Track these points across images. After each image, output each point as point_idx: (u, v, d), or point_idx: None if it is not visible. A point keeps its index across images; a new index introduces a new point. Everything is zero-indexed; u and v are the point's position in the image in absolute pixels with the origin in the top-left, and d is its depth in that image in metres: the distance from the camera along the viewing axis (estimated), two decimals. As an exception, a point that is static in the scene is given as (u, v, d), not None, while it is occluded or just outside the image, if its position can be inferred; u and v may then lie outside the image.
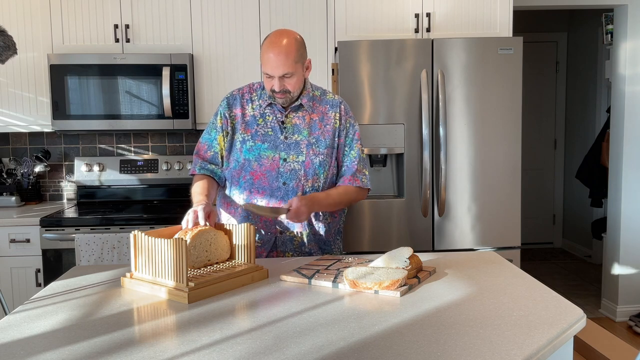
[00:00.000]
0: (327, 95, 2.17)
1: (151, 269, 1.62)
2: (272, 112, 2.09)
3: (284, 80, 1.97)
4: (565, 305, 1.46)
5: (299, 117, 2.09)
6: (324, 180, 2.10)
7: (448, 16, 3.09)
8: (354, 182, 2.12)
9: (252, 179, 2.07)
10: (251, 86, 2.17)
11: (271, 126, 2.08)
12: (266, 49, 1.96)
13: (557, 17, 5.89)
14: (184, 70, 3.20)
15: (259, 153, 2.06)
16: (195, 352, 1.19)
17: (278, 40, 1.95)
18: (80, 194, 3.54)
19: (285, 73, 1.96)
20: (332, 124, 2.11)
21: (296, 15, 3.29)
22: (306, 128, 2.09)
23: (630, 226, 3.90)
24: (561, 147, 6.07)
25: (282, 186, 2.06)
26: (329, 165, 2.11)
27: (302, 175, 2.06)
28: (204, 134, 2.17)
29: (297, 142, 2.07)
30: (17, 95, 3.29)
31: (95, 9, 3.24)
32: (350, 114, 2.16)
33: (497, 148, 2.93)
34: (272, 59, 1.94)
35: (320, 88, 2.18)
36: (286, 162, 2.06)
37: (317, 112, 2.11)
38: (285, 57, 1.94)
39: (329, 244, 2.18)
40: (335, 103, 2.14)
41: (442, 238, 2.95)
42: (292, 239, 2.10)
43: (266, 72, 1.98)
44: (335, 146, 2.12)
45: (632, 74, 3.81)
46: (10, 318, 1.43)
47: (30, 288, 3.01)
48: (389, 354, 1.16)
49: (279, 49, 1.94)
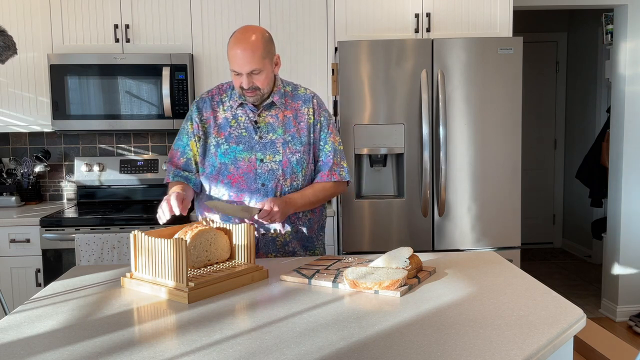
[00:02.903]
0: (299, 90, 2.13)
1: (151, 269, 1.62)
2: (244, 112, 2.05)
3: (252, 77, 1.93)
4: (565, 305, 1.46)
5: (272, 115, 2.05)
6: (303, 178, 2.07)
7: (448, 16, 3.09)
8: (332, 177, 2.09)
9: (230, 182, 2.03)
10: (220, 87, 2.12)
11: (244, 127, 2.04)
12: (232, 45, 1.92)
13: (557, 17, 5.89)
14: (184, 70, 3.20)
15: (234, 156, 2.02)
16: (195, 352, 1.19)
17: (244, 36, 1.92)
18: (80, 194, 3.54)
19: (253, 69, 1.92)
20: (306, 120, 2.08)
21: (296, 15, 3.29)
22: (280, 126, 2.05)
23: (630, 226, 3.90)
24: (561, 147, 6.07)
25: (262, 187, 2.03)
26: (307, 162, 2.08)
27: (281, 175, 2.03)
28: (176, 140, 2.12)
29: (273, 142, 2.04)
30: (17, 95, 3.29)
31: (95, 9, 3.24)
32: (323, 107, 2.13)
33: (497, 148, 2.93)
34: (239, 55, 1.90)
35: (291, 83, 2.15)
36: (263, 162, 2.02)
37: (290, 108, 2.08)
38: (252, 53, 1.90)
39: (312, 240, 2.16)
40: (308, 98, 2.11)
41: (442, 238, 2.95)
42: (274, 240, 2.08)
43: (233, 70, 1.94)
44: (312, 142, 2.09)
45: (632, 74, 3.81)
46: (10, 318, 1.43)
47: (30, 288, 3.01)
48: (389, 354, 1.16)
49: (245, 45, 1.90)
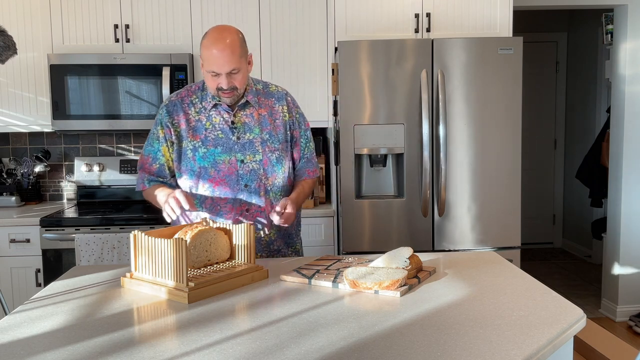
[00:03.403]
0: (270, 88, 2.12)
1: (151, 269, 1.62)
2: (219, 113, 2.01)
3: (231, 77, 1.90)
4: (565, 305, 1.46)
5: (247, 114, 2.03)
6: (283, 177, 2.08)
7: (448, 16, 3.09)
8: (315, 174, 2.18)
9: (212, 186, 2.00)
10: (189, 89, 2.08)
11: (220, 128, 2.01)
12: (209, 45, 1.88)
13: (557, 17, 5.89)
14: (184, 70, 3.20)
15: (214, 159, 1.99)
16: (195, 352, 1.19)
17: (222, 36, 1.88)
18: (80, 194, 3.54)
19: (233, 69, 1.89)
20: (282, 118, 2.08)
21: (296, 15, 3.29)
22: (257, 125, 2.03)
23: (630, 226, 3.90)
24: (561, 147, 6.07)
25: (245, 188, 2.01)
26: (285, 159, 2.08)
27: (262, 175, 2.02)
28: (146, 146, 2.07)
29: (251, 141, 2.02)
30: (17, 95, 3.29)
31: (95, 9, 3.24)
32: (296, 104, 2.15)
33: (497, 148, 2.93)
34: (217, 55, 1.86)
35: (261, 81, 2.13)
36: (244, 163, 2.00)
37: (264, 106, 2.06)
38: (231, 53, 1.87)
39: (293, 236, 2.17)
40: (281, 96, 2.11)
41: (442, 238, 2.95)
42: (259, 240, 2.07)
43: (212, 70, 1.89)
44: (289, 140, 2.09)
45: (632, 74, 3.81)
46: (10, 318, 1.43)
47: (30, 288, 3.01)
48: (389, 354, 1.16)
49: (224, 44, 1.87)
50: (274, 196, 2.06)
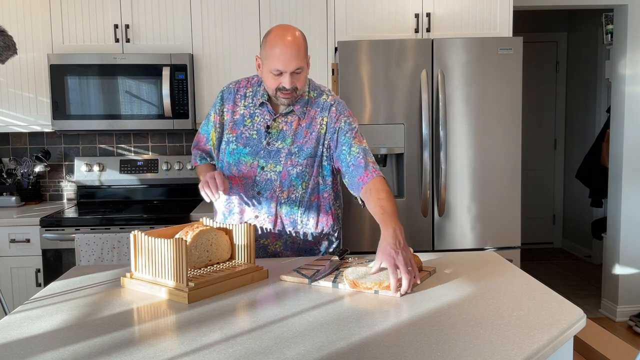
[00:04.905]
0: (321, 97, 2.01)
1: (151, 269, 1.62)
2: (262, 113, 1.98)
3: (294, 77, 1.85)
4: (565, 305, 1.46)
5: (288, 122, 1.98)
6: (303, 191, 2.00)
7: (448, 16, 3.09)
8: (372, 175, 1.91)
9: (231, 182, 2.00)
10: (250, 80, 2.05)
11: (257, 129, 1.98)
12: (274, 43, 1.83)
13: (557, 17, 5.89)
14: (184, 70, 3.20)
15: (238, 158, 1.99)
16: (195, 352, 1.19)
17: (286, 33, 1.83)
18: (80, 194, 3.54)
19: (297, 68, 1.84)
20: (318, 130, 1.98)
21: (296, 15, 3.29)
22: (291, 135, 1.97)
23: (630, 226, 3.90)
24: (561, 147, 6.07)
25: (257, 195, 1.99)
26: (310, 175, 1.99)
27: (278, 186, 1.98)
28: (202, 125, 2.12)
29: (278, 150, 1.97)
30: (17, 95, 3.29)
31: (95, 9, 3.24)
32: (345, 113, 1.99)
33: (497, 148, 2.93)
34: (284, 52, 1.80)
35: (318, 88, 2.05)
36: (263, 170, 1.97)
37: (307, 117, 1.98)
38: (297, 50, 1.82)
39: (302, 250, 2.07)
40: (326, 106, 1.99)
41: (442, 238, 2.95)
42: (265, 248, 2.03)
43: (276, 69, 1.84)
44: (319, 154, 1.99)
45: (632, 74, 3.81)
46: (10, 318, 1.43)
47: (30, 288, 3.01)
48: (389, 354, 1.16)
49: (290, 41, 1.82)
50: (287, 210, 2.01)
